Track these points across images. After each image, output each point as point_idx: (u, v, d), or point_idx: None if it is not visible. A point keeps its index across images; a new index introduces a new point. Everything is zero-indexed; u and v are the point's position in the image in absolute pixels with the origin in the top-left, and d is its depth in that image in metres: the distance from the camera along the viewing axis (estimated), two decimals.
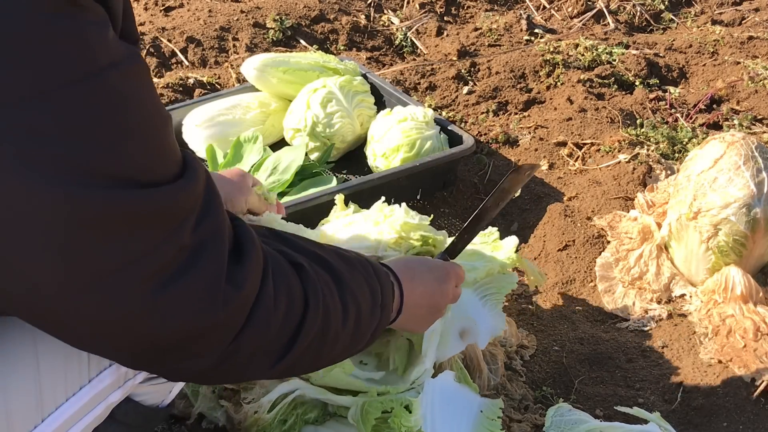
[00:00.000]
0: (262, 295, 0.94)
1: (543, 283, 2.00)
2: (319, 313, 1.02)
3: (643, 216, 2.23)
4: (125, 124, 0.79)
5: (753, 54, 3.30)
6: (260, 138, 2.51)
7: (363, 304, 1.12)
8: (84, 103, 0.76)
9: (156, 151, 0.83)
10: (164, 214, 0.83)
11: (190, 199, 0.87)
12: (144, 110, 0.82)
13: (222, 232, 0.90)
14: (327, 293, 1.04)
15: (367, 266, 1.18)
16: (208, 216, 0.88)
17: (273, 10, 3.48)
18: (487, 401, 1.66)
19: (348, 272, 1.11)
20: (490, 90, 3.03)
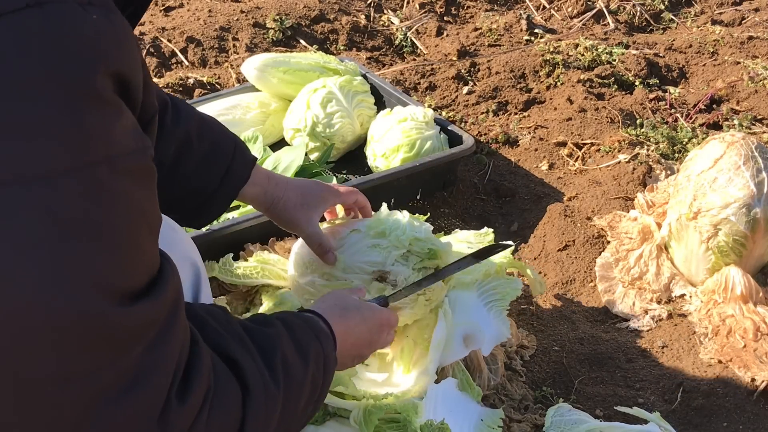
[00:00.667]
0: (196, 427, 0.86)
1: (543, 292, 1.99)
2: None
3: (643, 216, 2.23)
4: (101, 226, 0.73)
5: (753, 54, 3.30)
6: (260, 138, 2.51)
7: (302, 407, 1.06)
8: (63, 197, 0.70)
9: (127, 261, 0.76)
10: (115, 336, 0.75)
11: (147, 324, 0.79)
12: (127, 214, 0.76)
13: (170, 363, 0.82)
14: (269, 415, 0.97)
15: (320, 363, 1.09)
16: (162, 344, 0.81)
17: (273, 10, 3.48)
18: (488, 410, 1.66)
19: (300, 379, 1.03)
20: (490, 90, 3.03)
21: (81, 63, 0.71)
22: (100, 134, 0.73)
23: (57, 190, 0.70)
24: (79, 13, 0.71)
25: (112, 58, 0.74)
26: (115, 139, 0.74)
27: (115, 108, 0.75)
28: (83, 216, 0.72)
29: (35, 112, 0.69)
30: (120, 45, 0.75)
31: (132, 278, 0.78)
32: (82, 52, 0.71)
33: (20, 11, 0.68)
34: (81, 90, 0.71)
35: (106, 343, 0.75)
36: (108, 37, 0.74)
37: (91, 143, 0.72)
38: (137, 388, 0.78)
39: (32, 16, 0.69)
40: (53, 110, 0.70)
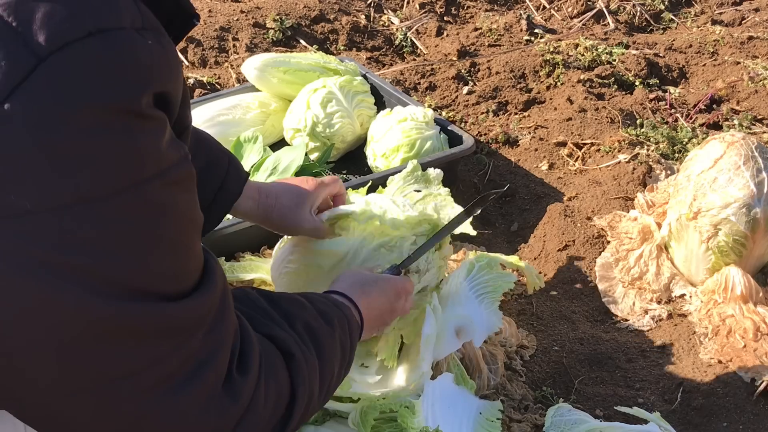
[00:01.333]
0: (255, 402, 0.94)
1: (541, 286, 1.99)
2: (305, 400, 1.04)
3: (643, 216, 2.23)
4: (156, 237, 0.80)
5: (753, 54, 3.30)
6: (260, 138, 2.51)
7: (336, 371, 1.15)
8: (121, 214, 0.76)
9: (180, 264, 0.84)
10: (176, 327, 0.84)
11: (204, 313, 0.87)
12: (178, 221, 0.83)
13: (227, 341, 0.91)
14: (312, 379, 1.06)
15: (345, 327, 1.20)
16: (218, 328, 0.89)
17: (273, 10, 3.48)
18: (486, 403, 1.66)
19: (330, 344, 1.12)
20: (490, 90, 3.03)
21: (136, 88, 0.75)
22: (152, 152, 0.78)
23: (118, 209, 0.76)
24: (136, 40, 0.76)
25: (162, 81, 0.79)
26: (163, 154, 0.79)
27: (160, 123, 0.80)
28: (139, 229, 0.78)
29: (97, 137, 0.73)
30: (170, 68, 0.81)
31: (188, 276, 0.85)
32: (138, 78, 0.75)
33: (84, 39, 0.72)
34: (136, 113, 0.75)
35: (169, 335, 0.83)
36: (160, 62, 0.78)
37: (145, 162, 0.77)
38: (202, 369, 0.86)
39: (95, 44, 0.72)
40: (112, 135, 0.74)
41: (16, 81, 0.70)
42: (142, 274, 0.79)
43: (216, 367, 0.88)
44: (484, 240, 2.38)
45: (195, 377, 0.86)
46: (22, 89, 0.70)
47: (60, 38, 0.71)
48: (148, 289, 0.80)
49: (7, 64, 0.69)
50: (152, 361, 0.82)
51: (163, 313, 0.81)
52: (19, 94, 0.70)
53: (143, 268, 0.79)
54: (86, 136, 0.72)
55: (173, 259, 0.83)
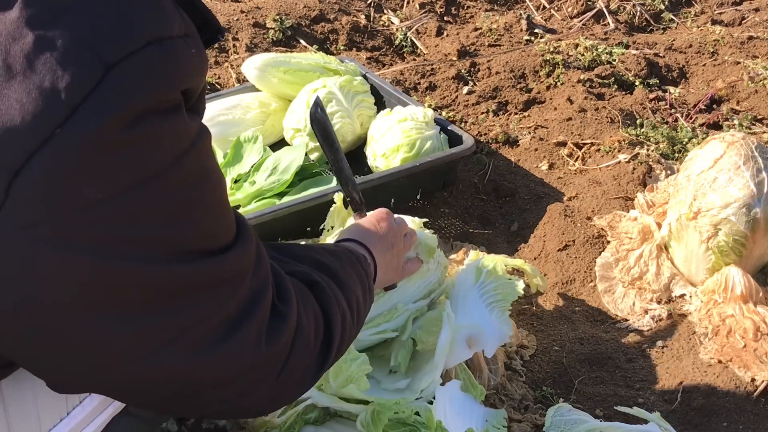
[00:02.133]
0: (300, 325, 1.05)
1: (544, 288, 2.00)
2: (339, 320, 1.15)
3: (643, 216, 2.23)
4: (201, 200, 0.89)
5: (753, 54, 3.30)
6: (260, 138, 2.51)
7: (360, 295, 1.26)
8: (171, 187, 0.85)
9: (221, 221, 0.94)
10: (229, 277, 0.94)
11: (248, 260, 0.97)
12: (211, 182, 0.92)
13: (269, 280, 1.02)
14: (339, 300, 1.17)
15: (351, 256, 1.33)
16: (260, 270, 1.00)
17: (273, 10, 3.48)
18: (492, 411, 1.67)
19: (343, 271, 1.25)
20: (490, 90, 3.03)
21: (178, 87, 0.85)
22: (183, 127, 0.87)
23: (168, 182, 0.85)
24: (183, 48, 0.85)
25: (195, 81, 0.90)
26: (189, 127, 0.88)
27: (184, 103, 0.88)
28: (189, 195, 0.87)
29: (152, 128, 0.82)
30: (202, 72, 0.91)
31: (230, 229, 0.96)
32: (181, 79, 0.85)
33: (144, 48, 0.80)
34: (177, 105, 0.86)
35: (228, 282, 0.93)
36: (198, 66, 0.89)
37: (181, 138, 0.86)
38: (256, 304, 0.98)
39: (153, 52, 0.81)
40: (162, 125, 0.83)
41: (88, 89, 0.77)
42: (192, 236, 0.88)
43: (265, 302, 0.99)
44: (484, 240, 2.38)
45: (249, 314, 0.96)
46: (94, 95, 0.77)
47: (125, 48, 0.79)
48: (197, 248, 0.89)
49: (78, 73, 0.77)
50: (215, 308, 0.92)
51: (215, 266, 0.91)
52: (91, 99, 0.77)
53: (193, 230, 0.88)
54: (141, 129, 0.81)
55: (215, 217, 0.92)
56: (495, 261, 1.85)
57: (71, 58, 0.77)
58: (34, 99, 0.76)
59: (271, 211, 2.15)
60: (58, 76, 0.76)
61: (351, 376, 1.47)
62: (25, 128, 0.76)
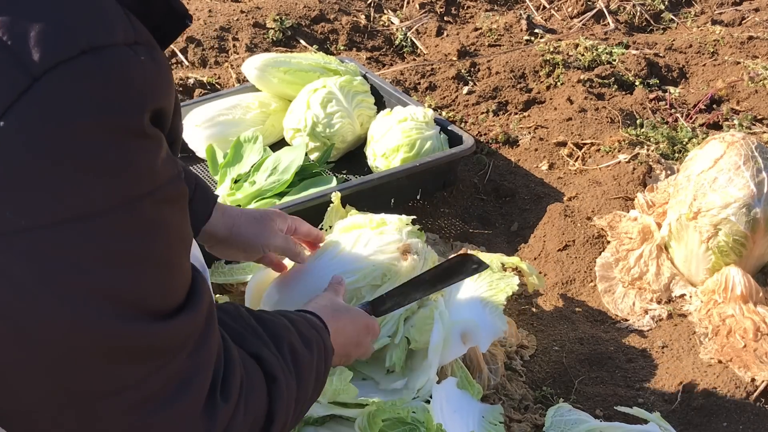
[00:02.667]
0: (232, 427, 0.93)
1: (542, 287, 1.99)
2: (281, 424, 1.04)
3: (643, 216, 2.23)
4: (148, 254, 0.80)
5: (753, 54, 3.30)
6: (260, 138, 2.51)
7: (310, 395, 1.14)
8: (113, 231, 0.76)
9: (169, 282, 0.84)
10: (161, 349, 0.83)
11: (189, 333, 0.87)
12: (169, 238, 0.83)
13: (210, 363, 0.91)
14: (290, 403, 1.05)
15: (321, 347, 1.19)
16: (201, 349, 0.88)
17: (273, 10, 3.48)
18: (488, 407, 1.67)
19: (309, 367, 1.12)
20: (490, 90, 3.03)
21: (131, 106, 0.75)
22: (146, 169, 0.78)
23: (109, 226, 0.76)
24: (129, 57, 0.75)
25: (156, 97, 0.79)
26: (158, 172, 0.79)
27: (156, 141, 0.79)
28: (130, 247, 0.78)
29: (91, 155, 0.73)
30: (163, 84, 0.80)
31: (174, 295, 0.85)
32: (132, 95, 0.75)
33: (77, 57, 0.72)
34: (131, 131, 0.75)
35: (154, 355, 0.83)
36: (154, 77, 0.78)
37: (139, 179, 0.77)
38: (184, 390, 0.86)
39: (88, 62, 0.72)
40: (107, 153, 0.74)
41: (10, 99, 0.70)
42: (132, 291, 0.79)
43: (197, 388, 0.88)
44: (484, 240, 2.38)
45: (176, 398, 0.85)
46: (17, 107, 0.70)
47: (53, 57, 0.71)
48: (136, 306, 0.80)
49: (1, 83, 0.70)
50: (137, 381, 0.82)
51: (150, 333, 0.81)
52: (13, 112, 0.70)
53: (133, 285, 0.79)
54: (80, 153, 0.73)
55: (163, 277, 0.82)
56: (491, 259, 1.85)
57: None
58: None
59: None
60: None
61: (337, 390, 1.47)
62: None
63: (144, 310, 0.80)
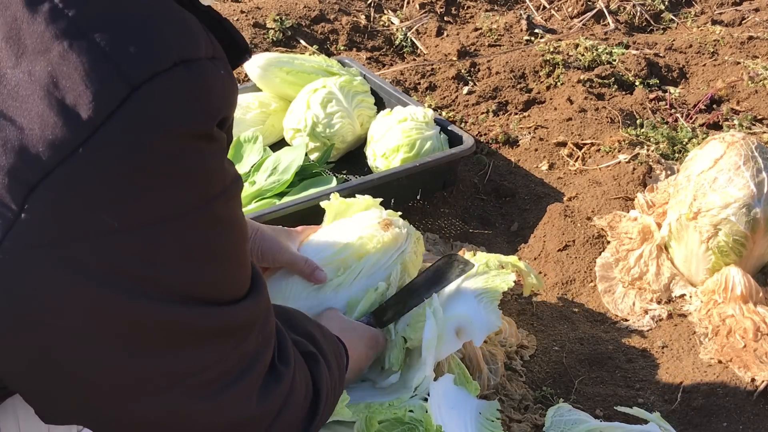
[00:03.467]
0: (294, 388, 1.05)
1: (541, 287, 1.99)
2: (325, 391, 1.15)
3: (643, 216, 2.23)
4: (219, 250, 0.87)
5: (753, 54, 3.30)
6: (260, 138, 2.51)
7: (339, 378, 1.26)
8: (194, 230, 0.83)
9: (237, 273, 0.91)
10: (237, 329, 0.92)
11: (257, 315, 0.96)
12: (235, 234, 0.89)
13: (272, 339, 1.02)
14: (328, 378, 1.17)
15: (335, 341, 1.31)
16: (266, 327, 0.99)
17: (273, 10, 3.48)
18: (484, 403, 1.66)
19: (330, 352, 1.24)
20: (490, 90, 3.03)
21: (210, 115, 0.81)
22: (218, 171, 0.84)
23: (190, 226, 0.82)
24: (211, 70, 0.81)
25: (229, 107, 0.86)
26: (227, 173, 0.86)
27: (223, 144, 0.85)
28: (206, 243, 0.85)
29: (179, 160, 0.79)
30: (233, 95, 0.87)
31: (245, 282, 0.93)
32: (213, 105, 0.82)
33: (171, 69, 0.77)
34: (209, 137, 0.81)
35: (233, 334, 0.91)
36: (229, 90, 0.85)
37: (213, 181, 0.83)
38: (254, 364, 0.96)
39: (180, 74, 0.78)
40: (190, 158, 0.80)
41: (112, 107, 0.75)
42: (205, 284, 0.86)
43: (265, 359, 0.98)
44: (484, 240, 2.38)
45: (249, 370, 0.95)
46: (118, 114, 0.75)
47: (151, 68, 0.76)
48: (209, 297, 0.87)
49: (102, 91, 0.75)
50: (217, 359, 0.90)
51: (224, 316, 0.89)
52: (115, 119, 0.75)
53: (206, 278, 0.86)
54: (169, 159, 0.78)
55: (231, 269, 0.90)
56: (487, 258, 1.85)
57: (95, 75, 0.74)
58: (55, 114, 0.74)
59: (271, 211, 2.15)
60: (81, 92, 0.74)
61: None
62: (45, 144, 0.73)
63: (215, 299, 0.87)
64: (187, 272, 0.84)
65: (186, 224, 0.81)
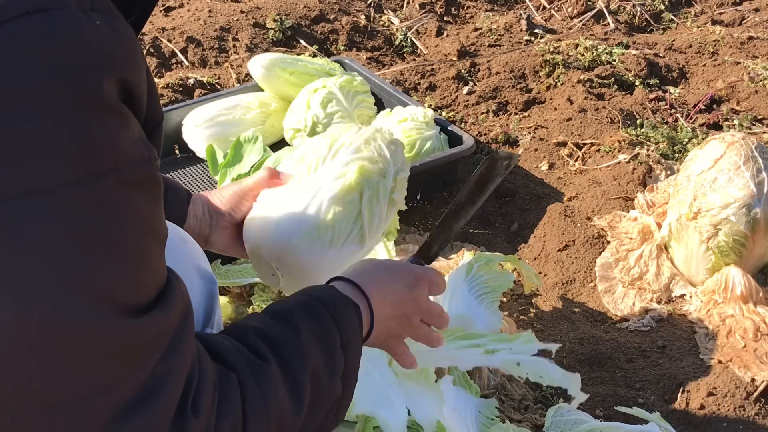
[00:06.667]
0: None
1: (539, 285, 1.99)
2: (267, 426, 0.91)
3: (643, 216, 2.23)
4: (110, 240, 0.73)
5: (753, 54, 3.30)
6: (260, 138, 2.51)
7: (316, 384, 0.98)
8: (70, 210, 0.70)
9: (137, 274, 0.76)
10: (130, 347, 0.75)
11: (161, 334, 0.79)
12: (136, 226, 0.75)
13: (182, 374, 0.81)
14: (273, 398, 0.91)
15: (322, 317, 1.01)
16: (174, 355, 0.80)
17: (273, 10, 3.48)
18: (483, 401, 1.67)
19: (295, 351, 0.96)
20: (490, 90, 3.03)
21: (85, 71, 0.69)
22: (107, 144, 0.71)
23: (65, 204, 0.69)
24: (81, 20, 0.70)
25: (117, 65, 0.72)
26: (122, 149, 0.73)
27: (121, 117, 0.73)
28: (92, 229, 0.71)
29: (41, 124, 0.68)
30: (124, 52, 0.74)
31: (142, 290, 0.77)
32: (86, 59, 0.69)
33: (19, 18, 0.67)
34: (86, 99, 0.70)
35: (121, 356, 0.75)
36: (112, 44, 0.72)
37: (98, 154, 0.71)
38: (154, 398, 0.77)
39: (32, 24, 0.67)
40: (59, 122, 0.68)
41: None
42: (94, 279, 0.72)
43: (168, 398, 0.79)
44: (484, 240, 2.38)
45: (145, 408, 0.77)
46: None
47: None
48: (100, 297, 0.72)
49: None
50: (103, 387, 0.74)
51: (117, 327, 0.73)
52: None
53: (96, 272, 0.72)
54: (27, 119, 0.67)
55: (129, 267, 0.75)
56: (487, 258, 1.85)
57: None
58: None
59: None
60: None
61: None
62: None
63: (109, 302, 0.72)
64: (64, 261, 0.69)
65: (61, 200, 0.69)
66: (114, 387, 0.74)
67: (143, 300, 0.77)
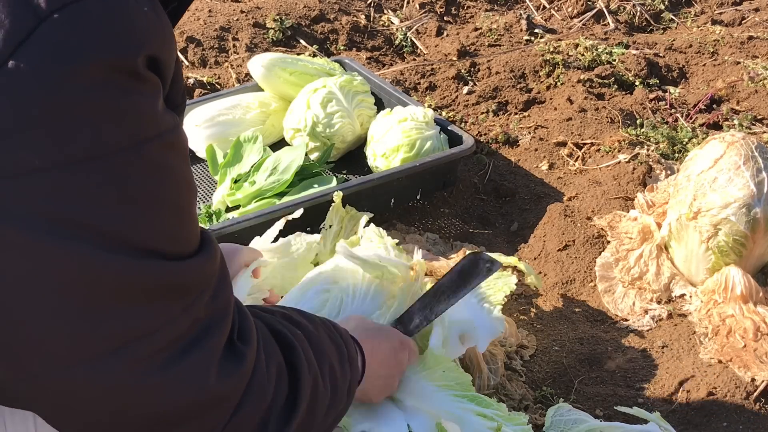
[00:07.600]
0: (258, 371, 0.95)
1: (539, 287, 1.99)
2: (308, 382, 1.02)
3: (643, 216, 2.23)
4: (158, 196, 0.81)
5: (753, 54, 3.30)
6: (260, 138, 2.51)
7: (335, 363, 1.12)
8: (124, 172, 0.78)
9: (182, 225, 0.85)
10: (184, 287, 0.85)
11: (209, 274, 0.88)
12: (177, 183, 0.84)
13: (230, 309, 0.92)
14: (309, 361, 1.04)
15: (328, 324, 1.18)
16: (221, 292, 0.90)
17: (273, 10, 3.48)
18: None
19: (314, 330, 1.11)
20: (490, 90, 3.03)
21: (134, 48, 0.77)
22: (149, 113, 0.80)
23: (120, 166, 0.77)
24: (131, 3, 0.77)
25: (155, 45, 0.80)
26: (160, 117, 0.81)
27: (154, 86, 0.81)
28: (143, 187, 0.79)
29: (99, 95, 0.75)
30: (164, 35, 0.82)
31: (190, 238, 0.87)
32: (134, 38, 0.77)
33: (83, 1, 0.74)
34: (132, 72, 0.77)
35: (180, 294, 0.84)
36: (155, 27, 0.80)
37: (144, 122, 0.79)
38: (210, 332, 0.88)
39: (92, 5, 0.74)
40: (113, 92, 0.76)
41: (19, 39, 0.72)
42: (146, 231, 0.80)
43: (221, 332, 0.89)
44: (484, 240, 2.38)
45: (201, 341, 0.87)
46: (26, 47, 0.72)
47: None
48: (151, 246, 0.81)
49: (10, 23, 0.72)
50: (164, 322, 0.83)
51: (170, 270, 0.82)
52: (23, 52, 0.72)
53: (147, 225, 0.80)
54: (88, 93, 0.74)
55: (174, 220, 0.84)
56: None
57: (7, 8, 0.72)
58: None
59: (271, 211, 2.15)
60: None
61: None
62: None
63: (158, 249, 0.81)
64: (121, 216, 0.78)
65: (116, 164, 0.77)
66: (173, 322, 0.83)
67: (189, 248, 0.86)
